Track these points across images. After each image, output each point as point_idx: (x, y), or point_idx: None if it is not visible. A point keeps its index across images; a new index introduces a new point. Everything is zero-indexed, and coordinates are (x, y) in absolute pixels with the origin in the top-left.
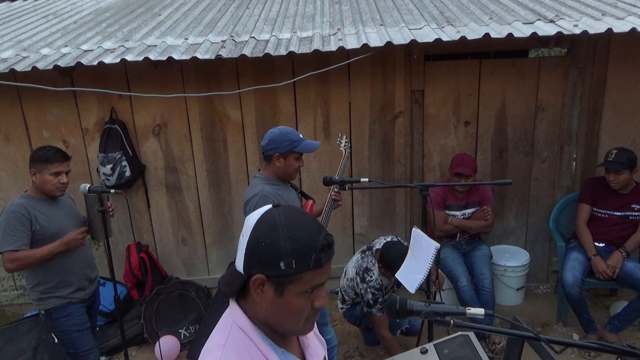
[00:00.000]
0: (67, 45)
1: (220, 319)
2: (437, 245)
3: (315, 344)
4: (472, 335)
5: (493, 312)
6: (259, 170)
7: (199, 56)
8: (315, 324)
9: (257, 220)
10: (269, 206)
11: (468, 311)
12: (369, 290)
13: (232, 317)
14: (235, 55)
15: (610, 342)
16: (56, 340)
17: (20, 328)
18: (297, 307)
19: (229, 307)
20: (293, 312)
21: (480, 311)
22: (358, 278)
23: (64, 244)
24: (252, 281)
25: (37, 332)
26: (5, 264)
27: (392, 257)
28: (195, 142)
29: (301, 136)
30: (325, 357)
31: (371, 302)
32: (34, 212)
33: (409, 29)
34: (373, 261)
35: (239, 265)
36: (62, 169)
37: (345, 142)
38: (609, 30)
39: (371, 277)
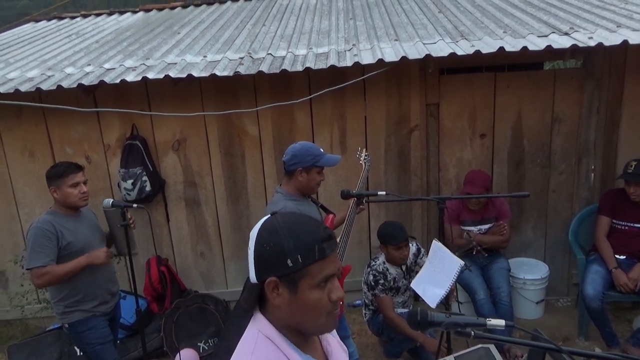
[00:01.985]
0: (90, 64)
1: (246, 330)
2: (462, 263)
3: (337, 351)
4: (492, 347)
5: (514, 324)
6: (280, 185)
7: (218, 73)
8: (337, 334)
9: (259, 230)
10: (267, 216)
11: (489, 322)
12: (370, 272)
13: (257, 327)
14: (253, 71)
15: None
16: (78, 354)
17: (44, 341)
18: (314, 302)
19: (252, 318)
20: (311, 307)
21: (500, 322)
22: (366, 265)
23: (90, 258)
24: (266, 286)
25: (60, 345)
26: (34, 280)
27: (382, 231)
28: (213, 157)
29: (322, 150)
30: None
31: (372, 283)
32: (60, 228)
33: (424, 44)
34: (381, 252)
35: (252, 276)
36: (78, 179)
37: (365, 155)
38: (625, 42)
39: (375, 262)
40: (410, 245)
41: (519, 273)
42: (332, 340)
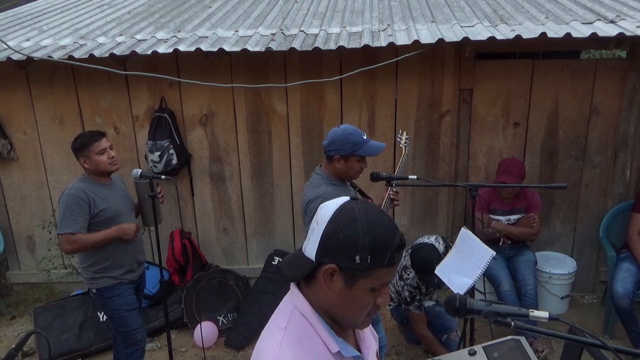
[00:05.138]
0: (122, 35)
1: (280, 303)
2: (493, 253)
3: (369, 337)
4: (523, 339)
5: (558, 317)
6: (320, 166)
7: (250, 48)
8: None
9: (336, 211)
10: (346, 198)
11: (531, 313)
12: (405, 288)
13: (293, 303)
14: (285, 48)
15: None
16: (101, 319)
17: (69, 305)
18: (363, 302)
19: (289, 292)
20: (357, 306)
21: (544, 314)
22: (397, 275)
23: (119, 231)
24: (323, 269)
25: (84, 310)
26: (63, 245)
27: (419, 261)
28: (240, 133)
29: (365, 137)
30: (377, 350)
31: (408, 299)
32: (92, 196)
33: (461, 26)
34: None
35: (311, 252)
36: (104, 145)
37: (407, 138)
38: None
39: (408, 274)
40: (438, 244)
41: (545, 267)
42: None
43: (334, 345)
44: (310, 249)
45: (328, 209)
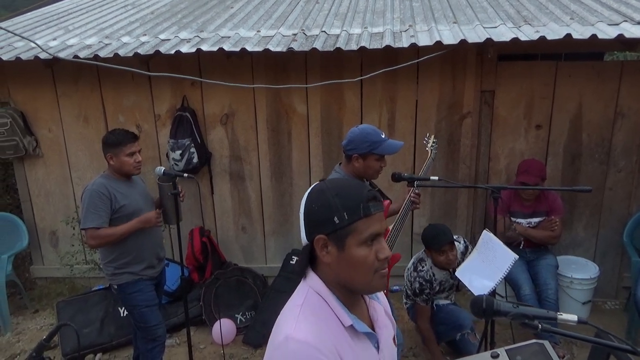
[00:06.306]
0: (145, 34)
1: (298, 287)
2: (516, 256)
3: (383, 318)
4: (547, 343)
5: (587, 320)
6: (339, 164)
7: (272, 48)
8: (389, 308)
9: (308, 193)
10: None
11: (559, 316)
12: (417, 279)
13: (309, 284)
14: (307, 48)
15: None
16: (122, 314)
17: (91, 300)
18: (361, 258)
19: (304, 276)
20: (359, 265)
21: (573, 317)
22: (412, 267)
23: (141, 222)
24: (315, 243)
25: (105, 305)
26: (88, 240)
27: (424, 235)
28: (260, 133)
29: (383, 136)
30: (394, 337)
31: (417, 291)
32: (113, 192)
33: (484, 28)
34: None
35: (303, 237)
36: (135, 148)
37: (433, 142)
38: None
39: (423, 267)
40: (457, 243)
41: (566, 271)
42: (378, 308)
43: (347, 320)
44: (303, 235)
45: (303, 197)
